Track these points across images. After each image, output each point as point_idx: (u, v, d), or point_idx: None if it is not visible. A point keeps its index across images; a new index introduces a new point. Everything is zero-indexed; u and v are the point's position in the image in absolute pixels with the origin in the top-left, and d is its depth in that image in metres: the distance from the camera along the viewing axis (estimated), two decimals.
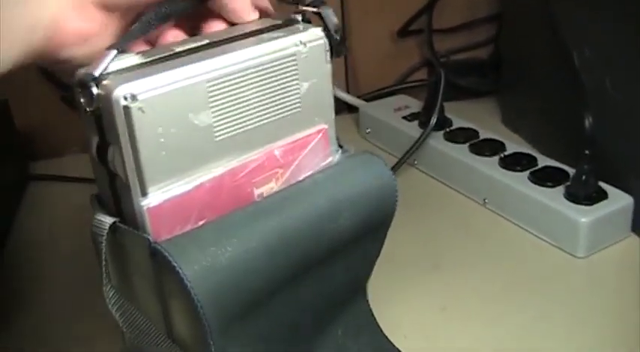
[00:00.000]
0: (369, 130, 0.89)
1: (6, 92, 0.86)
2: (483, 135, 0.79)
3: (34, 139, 0.91)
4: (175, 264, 0.38)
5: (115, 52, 0.41)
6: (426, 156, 0.80)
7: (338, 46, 0.48)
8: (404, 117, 0.86)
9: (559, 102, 0.77)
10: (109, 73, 0.41)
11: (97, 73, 0.41)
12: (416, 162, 0.81)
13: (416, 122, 0.83)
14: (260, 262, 0.41)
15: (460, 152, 0.77)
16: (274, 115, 0.46)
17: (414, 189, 0.77)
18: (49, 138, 0.92)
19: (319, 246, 0.45)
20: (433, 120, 0.78)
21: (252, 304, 0.42)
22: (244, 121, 0.45)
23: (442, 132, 0.80)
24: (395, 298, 0.60)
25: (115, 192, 0.44)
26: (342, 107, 0.94)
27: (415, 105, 0.89)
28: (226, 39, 0.46)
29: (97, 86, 0.41)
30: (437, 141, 0.79)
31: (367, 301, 0.52)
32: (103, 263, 0.42)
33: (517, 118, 0.87)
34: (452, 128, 0.81)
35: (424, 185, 0.79)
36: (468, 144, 0.77)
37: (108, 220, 0.42)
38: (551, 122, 0.79)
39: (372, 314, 0.53)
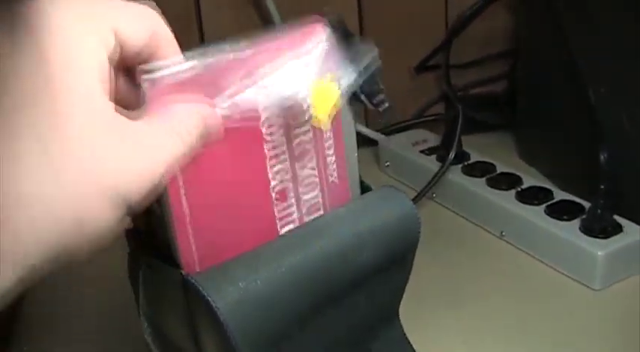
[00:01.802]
0: (388, 164, 0.91)
1: None
2: (500, 168, 0.81)
3: None
4: (209, 298, 0.40)
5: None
6: (445, 189, 0.81)
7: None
8: (422, 151, 0.87)
9: (575, 137, 0.79)
10: None
11: None
12: (434, 196, 0.83)
13: (434, 156, 0.85)
14: (287, 294, 0.43)
15: (478, 186, 0.78)
16: None
17: (433, 222, 0.79)
18: None
19: (343, 279, 0.46)
20: (452, 155, 0.80)
21: (281, 335, 0.44)
22: None
23: (460, 165, 0.82)
24: (415, 332, 0.61)
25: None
26: (361, 141, 0.95)
27: (433, 139, 0.90)
28: None
29: None
30: (455, 175, 0.81)
31: (401, 327, 0.53)
32: (140, 295, 0.44)
33: (533, 152, 0.89)
34: (469, 162, 0.83)
35: (442, 218, 0.80)
36: (485, 177, 0.79)
37: (144, 258, 0.44)
38: (567, 156, 0.81)
39: (406, 339, 0.53)
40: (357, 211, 0.49)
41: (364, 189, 0.52)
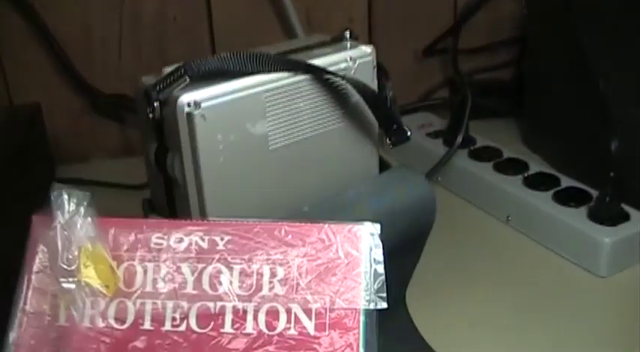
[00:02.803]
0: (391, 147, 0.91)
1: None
2: (507, 154, 0.81)
3: (60, 143, 0.93)
4: None
5: (188, 79, 0.43)
6: (451, 173, 0.81)
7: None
8: (428, 135, 0.87)
9: (583, 125, 0.79)
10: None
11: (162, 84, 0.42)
12: (440, 180, 0.83)
13: (440, 139, 0.85)
14: None
15: (484, 170, 0.78)
16: (325, 127, 0.48)
17: (438, 206, 0.79)
18: (75, 143, 0.94)
19: None
20: (459, 139, 0.80)
21: None
22: (295, 132, 0.47)
23: (466, 150, 0.82)
24: (420, 315, 0.61)
25: (171, 197, 0.45)
26: None
27: (438, 123, 0.90)
28: (279, 53, 0.48)
29: (160, 94, 0.42)
30: (461, 159, 0.81)
31: (407, 311, 0.53)
32: None
33: (538, 139, 0.89)
34: (476, 146, 0.83)
35: (448, 202, 0.80)
36: (492, 162, 0.79)
37: None
38: (573, 144, 0.81)
39: (413, 324, 0.53)
40: (378, 191, 0.49)
41: (383, 165, 0.52)
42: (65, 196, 0.37)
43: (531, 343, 0.59)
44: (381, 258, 0.39)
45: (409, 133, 0.59)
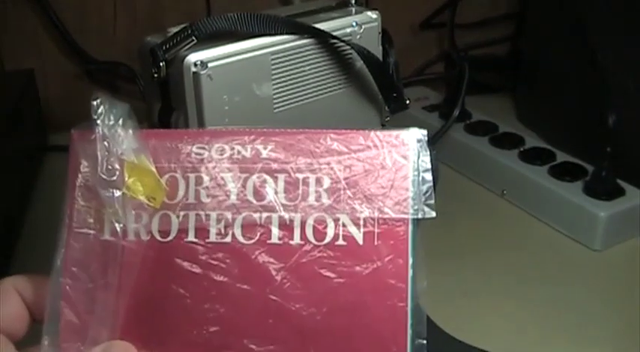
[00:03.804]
0: (388, 119, 0.91)
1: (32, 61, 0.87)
2: (503, 129, 0.81)
3: (53, 110, 0.92)
4: None
5: (194, 39, 0.43)
6: (447, 147, 0.81)
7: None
8: (424, 108, 0.87)
9: (579, 101, 0.79)
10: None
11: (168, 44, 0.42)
12: (435, 153, 0.82)
13: (436, 113, 0.85)
14: None
15: (480, 144, 0.78)
16: (328, 91, 0.48)
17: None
18: (68, 110, 0.93)
19: None
20: (456, 112, 0.80)
21: None
22: (300, 95, 0.47)
23: (462, 124, 0.82)
24: None
25: None
26: None
27: (434, 97, 0.90)
28: (285, 16, 0.48)
29: (167, 54, 0.42)
30: (457, 133, 0.81)
31: None
32: None
33: (533, 115, 0.89)
34: (472, 121, 0.83)
35: (443, 175, 0.80)
36: (488, 136, 0.79)
37: None
38: (569, 119, 0.81)
39: None
40: None
41: None
42: (105, 107, 0.36)
43: (526, 315, 0.59)
44: (428, 165, 0.38)
45: (408, 102, 0.59)
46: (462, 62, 0.84)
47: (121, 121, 0.36)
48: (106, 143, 0.36)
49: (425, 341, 0.37)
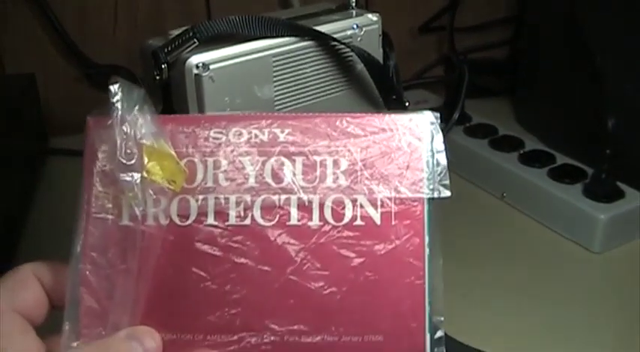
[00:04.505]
0: None
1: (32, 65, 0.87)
2: (502, 131, 0.81)
3: (54, 113, 0.92)
4: None
5: (196, 41, 0.43)
6: (446, 149, 0.81)
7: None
8: None
9: (578, 103, 0.79)
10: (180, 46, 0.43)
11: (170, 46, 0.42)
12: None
13: None
14: None
15: (480, 147, 0.79)
16: (329, 94, 0.48)
17: None
18: (69, 114, 0.93)
19: None
20: (456, 115, 0.80)
21: None
22: (301, 97, 0.47)
23: (462, 127, 0.82)
24: None
25: None
26: None
27: (433, 100, 0.90)
28: (286, 19, 0.48)
29: (169, 56, 0.42)
30: (457, 136, 0.81)
31: None
32: None
33: (532, 117, 0.89)
34: (471, 123, 0.83)
35: None
36: (487, 139, 0.79)
37: None
38: (568, 122, 0.81)
39: None
40: None
41: None
42: (124, 91, 0.36)
43: (526, 318, 0.59)
44: (442, 146, 0.39)
45: (407, 105, 0.59)
46: (461, 65, 0.84)
47: (138, 106, 0.36)
48: (124, 127, 0.36)
49: (442, 318, 0.38)
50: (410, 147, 0.38)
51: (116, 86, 0.36)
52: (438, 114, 0.39)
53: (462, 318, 0.59)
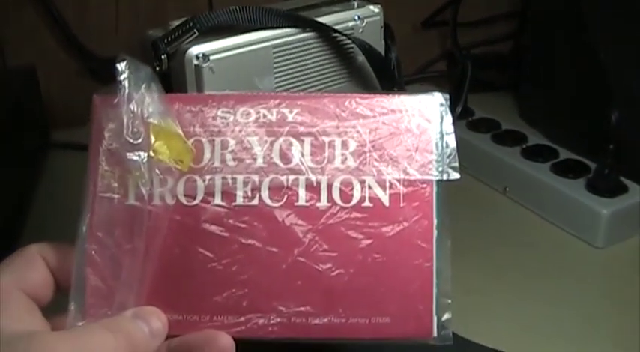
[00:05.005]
0: None
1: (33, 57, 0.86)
2: (505, 126, 0.81)
3: (56, 106, 0.92)
4: None
5: (196, 32, 0.43)
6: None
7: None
8: None
9: (581, 98, 0.79)
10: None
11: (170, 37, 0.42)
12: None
13: None
14: None
15: (483, 141, 0.78)
16: (330, 85, 0.48)
17: None
18: (70, 107, 0.93)
19: None
20: (458, 110, 0.80)
21: None
22: (301, 89, 0.47)
23: (465, 121, 0.82)
24: None
25: None
26: None
27: None
28: (287, 10, 0.48)
29: (168, 47, 0.42)
30: (460, 130, 0.80)
31: None
32: None
33: (535, 112, 0.89)
34: (474, 118, 0.82)
35: None
36: (490, 134, 0.79)
37: None
38: (572, 117, 0.81)
39: None
40: None
41: None
42: (131, 69, 0.36)
43: (528, 313, 0.59)
44: (451, 128, 0.39)
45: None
46: (464, 60, 0.84)
47: (145, 84, 0.36)
48: (131, 106, 0.36)
49: (450, 301, 0.38)
50: (419, 128, 0.38)
51: (123, 64, 0.36)
52: (448, 96, 0.39)
53: (464, 313, 0.59)
